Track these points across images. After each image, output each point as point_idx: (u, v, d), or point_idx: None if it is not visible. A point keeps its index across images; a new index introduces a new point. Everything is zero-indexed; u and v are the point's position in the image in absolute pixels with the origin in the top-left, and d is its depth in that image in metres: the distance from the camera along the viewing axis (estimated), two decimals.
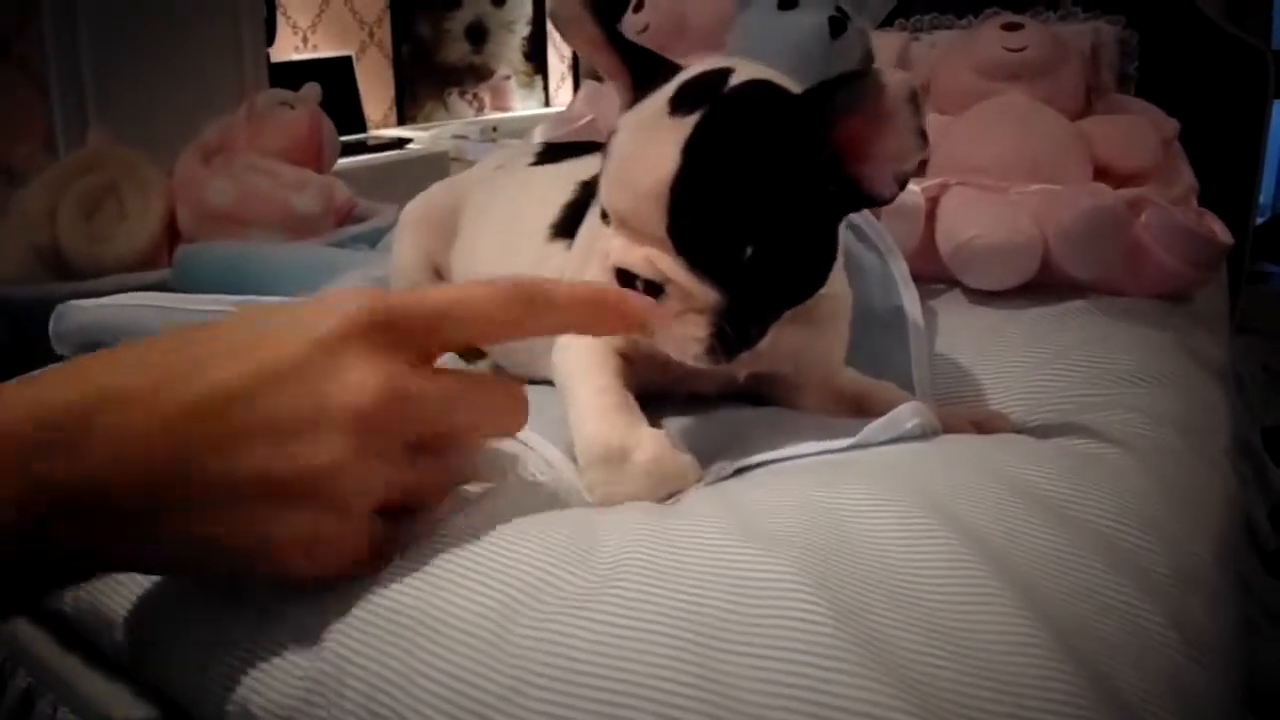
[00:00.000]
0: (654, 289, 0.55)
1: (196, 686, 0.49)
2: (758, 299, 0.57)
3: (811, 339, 0.66)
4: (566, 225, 0.76)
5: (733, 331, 0.57)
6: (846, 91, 0.53)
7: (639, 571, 0.43)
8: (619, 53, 0.62)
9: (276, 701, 0.45)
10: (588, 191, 0.77)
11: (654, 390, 0.65)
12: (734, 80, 0.56)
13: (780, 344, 0.63)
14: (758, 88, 0.56)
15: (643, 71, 0.61)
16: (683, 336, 0.56)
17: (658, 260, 0.55)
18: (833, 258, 0.60)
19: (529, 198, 0.83)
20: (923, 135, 0.53)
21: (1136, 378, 0.76)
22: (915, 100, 0.52)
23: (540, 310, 0.45)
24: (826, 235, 0.59)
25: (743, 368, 0.65)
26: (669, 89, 0.57)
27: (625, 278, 0.56)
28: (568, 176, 0.81)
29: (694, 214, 0.54)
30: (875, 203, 0.57)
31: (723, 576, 0.41)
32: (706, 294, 0.55)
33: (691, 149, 0.54)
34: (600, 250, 0.59)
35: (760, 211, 0.54)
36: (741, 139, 0.54)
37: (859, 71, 0.53)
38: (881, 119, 0.53)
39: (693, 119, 0.54)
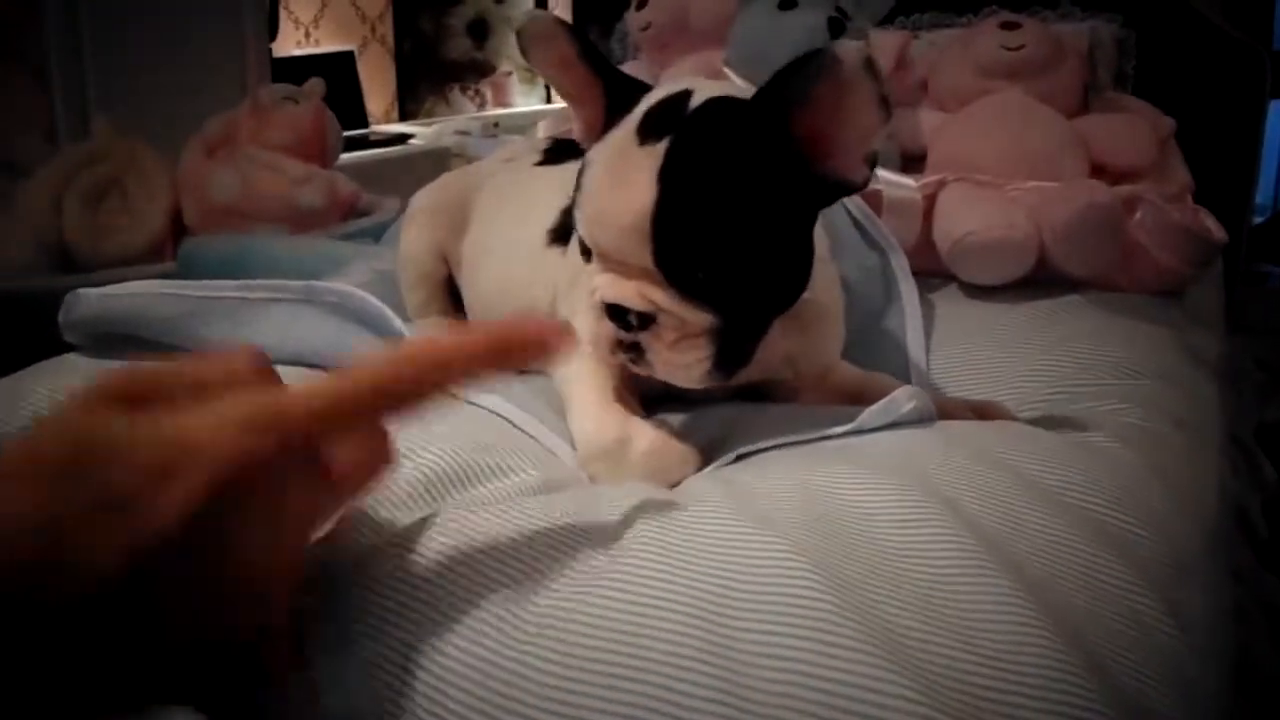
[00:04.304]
0: (647, 320, 0.55)
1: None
2: (750, 314, 0.57)
3: (804, 343, 0.67)
4: (563, 231, 0.77)
5: (731, 349, 0.57)
6: (803, 73, 0.52)
7: (644, 550, 0.44)
8: (593, 71, 0.60)
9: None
10: None
11: (658, 391, 0.66)
12: (694, 102, 0.56)
13: (773, 351, 0.63)
14: (718, 106, 0.56)
15: (618, 91, 0.59)
16: (684, 362, 0.56)
17: (648, 292, 0.55)
18: (811, 258, 0.60)
19: (532, 200, 0.83)
20: (885, 101, 0.52)
21: (1131, 371, 0.76)
22: (873, 66, 0.51)
23: (436, 374, 0.39)
24: (804, 236, 0.59)
25: (740, 378, 0.65)
26: (634, 118, 0.56)
27: (616, 312, 0.56)
28: (568, 180, 0.82)
29: (680, 243, 0.54)
30: (849, 189, 0.57)
31: (727, 556, 0.42)
32: (701, 318, 0.55)
33: (666, 177, 0.53)
34: (586, 286, 0.59)
35: (743, 229, 0.54)
36: (713, 161, 0.54)
37: (813, 51, 0.51)
38: (842, 93, 0.52)
39: (662, 146, 0.53)
